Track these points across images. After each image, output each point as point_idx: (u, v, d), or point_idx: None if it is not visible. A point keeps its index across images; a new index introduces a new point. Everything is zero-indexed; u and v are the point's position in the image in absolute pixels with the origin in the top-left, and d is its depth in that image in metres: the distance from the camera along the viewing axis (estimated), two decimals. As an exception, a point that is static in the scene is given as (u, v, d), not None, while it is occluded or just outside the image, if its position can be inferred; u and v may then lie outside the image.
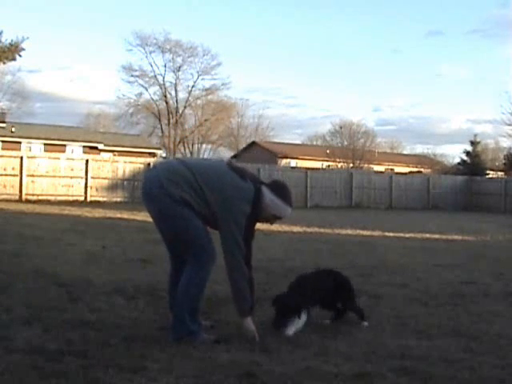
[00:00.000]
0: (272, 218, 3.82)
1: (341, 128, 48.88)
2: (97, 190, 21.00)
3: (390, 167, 45.33)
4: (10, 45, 17.23)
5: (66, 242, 8.47)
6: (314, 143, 55.96)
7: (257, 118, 57.60)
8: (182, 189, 3.56)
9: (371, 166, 43.06)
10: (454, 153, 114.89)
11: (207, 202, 3.59)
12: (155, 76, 50.12)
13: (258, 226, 3.90)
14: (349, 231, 12.47)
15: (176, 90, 50.96)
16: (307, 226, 13.28)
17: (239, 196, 3.59)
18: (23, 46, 17.63)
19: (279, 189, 3.75)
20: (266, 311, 4.19)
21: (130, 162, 22.05)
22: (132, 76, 49.84)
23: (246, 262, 3.69)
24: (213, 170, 3.73)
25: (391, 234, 12.03)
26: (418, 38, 79.86)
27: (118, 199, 20.82)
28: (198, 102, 52.14)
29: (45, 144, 34.49)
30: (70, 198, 20.10)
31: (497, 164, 40.90)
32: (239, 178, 3.66)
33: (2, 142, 32.86)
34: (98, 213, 14.79)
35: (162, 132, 51.52)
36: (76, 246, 8.00)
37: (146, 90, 50.55)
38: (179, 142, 50.24)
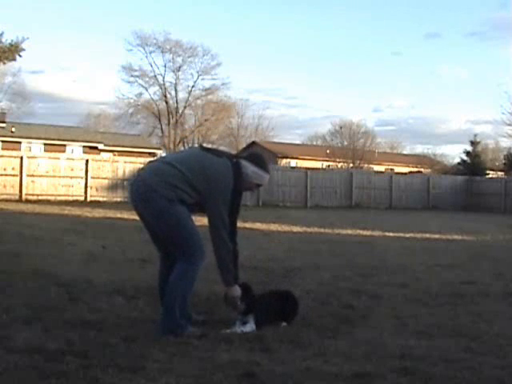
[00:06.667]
0: (254, 187, 4.11)
1: (341, 128, 48.86)
2: (97, 190, 20.99)
3: (390, 167, 45.32)
4: (10, 45, 17.20)
5: (66, 242, 8.47)
6: (314, 143, 55.94)
7: (257, 118, 57.61)
8: (172, 186, 3.75)
9: (371, 165, 43.06)
10: (454, 153, 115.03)
11: (196, 188, 3.78)
12: (155, 76, 50.11)
13: (258, 226, 3.91)
14: (349, 231, 12.46)
15: (176, 90, 50.95)
16: (307, 226, 13.27)
17: (220, 173, 3.81)
18: (23, 46, 17.61)
19: (257, 159, 4.04)
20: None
21: (130, 162, 22.01)
22: (132, 76, 49.82)
23: (231, 237, 3.89)
24: (191, 156, 3.99)
25: (391, 234, 12.03)
26: (417, 40, 79.89)
27: (118, 199, 20.78)
28: (198, 102, 52.12)
29: (45, 144, 34.47)
30: (70, 198, 20.08)
31: (497, 164, 40.87)
32: (216, 157, 3.91)
33: (2, 142, 32.84)
34: (98, 213, 14.78)
35: (162, 132, 51.49)
36: (76, 246, 8.00)
37: (146, 90, 50.55)
38: (179, 142, 50.19)
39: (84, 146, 35.95)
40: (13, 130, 34.83)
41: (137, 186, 3.90)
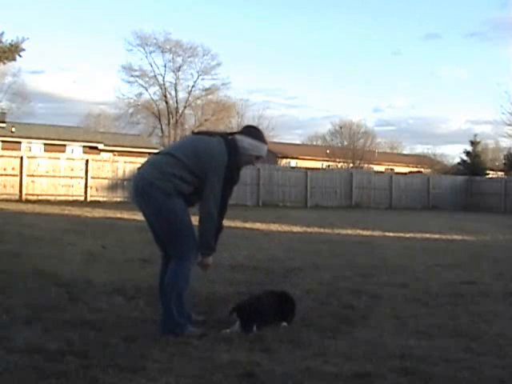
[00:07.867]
0: (254, 159, 4.11)
1: (341, 128, 48.84)
2: (97, 190, 20.98)
3: (390, 167, 45.33)
4: (10, 45, 17.19)
5: (66, 242, 8.47)
6: (314, 143, 55.95)
7: (257, 118, 57.52)
8: (170, 176, 3.79)
9: (371, 165, 43.07)
10: (454, 153, 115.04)
11: (193, 172, 3.82)
12: (155, 76, 50.06)
13: (258, 226, 3.91)
14: (349, 231, 12.46)
15: (176, 90, 50.90)
16: (307, 226, 13.27)
17: (212, 150, 3.86)
18: (23, 46, 17.58)
19: (252, 131, 4.07)
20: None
21: (130, 162, 21.98)
22: (132, 76, 49.77)
23: (220, 212, 3.92)
24: (185, 142, 4.21)
25: (391, 234, 12.02)
26: (417, 40, 79.85)
27: (118, 199, 20.78)
28: (198, 101, 52.10)
29: (45, 144, 34.44)
30: (70, 198, 20.08)
31: (497, 164, 40.87)
32: (208, 137, 3.98)
33: (2, 142, 32.82)
34: (98, 213, 14.78)
35: (162, 132, 51.47)
36: (76, 246, 8.00)
37: (146, 90, 50.50)
38: (179, 142, 50.18)
39: (84, 146, 35.92)
40: (13, 130, 34.81)
41: (136, 183, 3.94)
